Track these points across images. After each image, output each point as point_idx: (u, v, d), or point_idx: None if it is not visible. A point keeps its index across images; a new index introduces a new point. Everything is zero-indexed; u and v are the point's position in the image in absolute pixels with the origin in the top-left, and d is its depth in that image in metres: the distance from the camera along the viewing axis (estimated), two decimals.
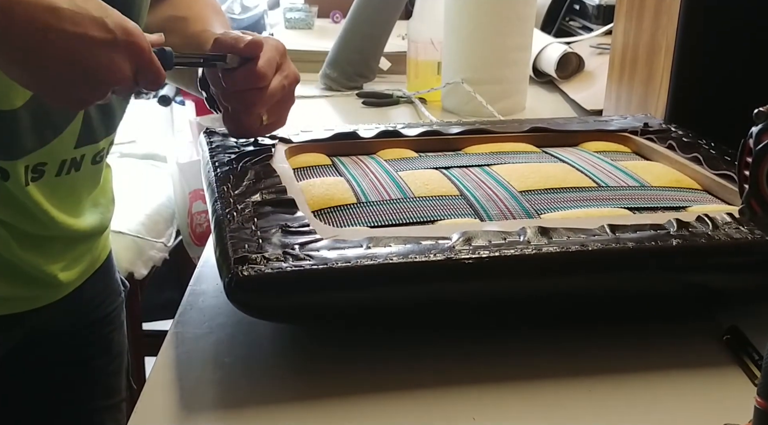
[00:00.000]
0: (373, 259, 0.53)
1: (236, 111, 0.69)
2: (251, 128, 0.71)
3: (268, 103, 0.69)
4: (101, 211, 0.81)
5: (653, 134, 0.84)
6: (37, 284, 0.74)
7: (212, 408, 0.53)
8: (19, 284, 0.72)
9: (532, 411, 0.53)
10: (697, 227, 0.59)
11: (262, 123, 0.70)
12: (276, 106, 0.70)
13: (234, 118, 0.70)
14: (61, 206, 0.73)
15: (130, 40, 0.55)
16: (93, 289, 0.84)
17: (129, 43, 0.56)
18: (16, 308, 0.74)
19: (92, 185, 0.78)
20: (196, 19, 0.80)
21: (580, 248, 0.55)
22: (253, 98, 0.68)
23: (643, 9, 0.97)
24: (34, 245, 0.72)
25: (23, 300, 0.74)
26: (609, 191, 0.70)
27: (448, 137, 0.83)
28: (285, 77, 0.69)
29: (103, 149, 0.75)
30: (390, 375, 0.56)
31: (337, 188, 0.68)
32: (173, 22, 0.79)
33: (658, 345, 0.60)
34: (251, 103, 0.68)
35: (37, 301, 0.76)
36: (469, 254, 0.54)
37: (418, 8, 1.32)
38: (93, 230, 0.79)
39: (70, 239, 0.76)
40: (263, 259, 0.53)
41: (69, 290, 0.79)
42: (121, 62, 0.55)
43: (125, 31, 0.55)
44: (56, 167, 0.70)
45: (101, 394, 0.89)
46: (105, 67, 0.55)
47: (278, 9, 2.28)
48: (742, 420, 0.47)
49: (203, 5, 0.83)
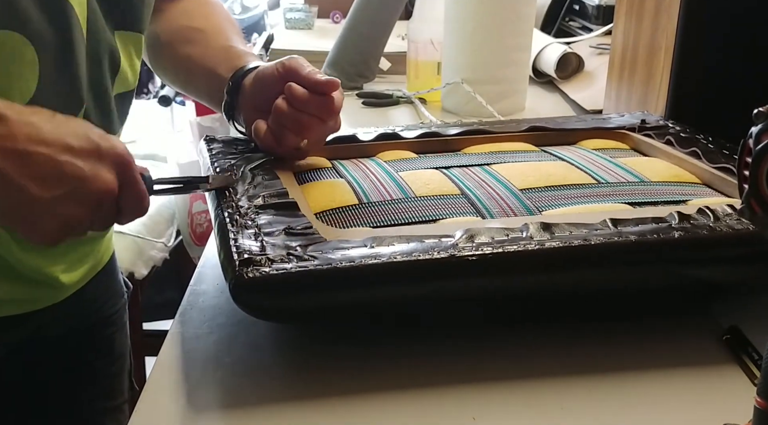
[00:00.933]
0: (376, 258, 0.53)
1: (284, 128, 0.70)
2: (290, 148, 0.71)
3: (320, 134, 0.71)
4: None
5: (651, 131, 0.84)
6: (39, 285, 0.74)
7: (213, 408, 0.53)
8: (20, 286, 0.72)
9: (532, 411, 0.53)
10: (699, 220, 0.59)
11: (300, 147, 0.71)
12: (319, 139, 0.73)
13: (277, 133, 0.70)
14: None
15: (114, 151, 0.55)
16: (95, 291, 0.83)
17: (115, 155, 0.55)
18: (18, 310, 0.74)
19: None
20: (217, 32, 0.80)
21: (582, 242, 0.55)
22: (313, 126, 0.69)
23: (643, 9, 0.97)
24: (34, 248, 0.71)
25: (25, 302, 0.74)
26: (609, 188, 0.70)
27: (447, 138, 0.83)
28: (337, 119, 0.72)
29: None
30: (390, 375, 0.56)
31: (338, 190, 0.68)
32: (192, 33, 0.80)
33: (658, 344, 0.60)
34: (308, 129, 0.69)
35: (39, 302, 0.75)
36: (473, 250, 0.54)
37: (418, 8, 1.32)
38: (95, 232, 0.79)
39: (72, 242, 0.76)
40: (267, 260, 0.53)
41: (71, 292, 0.79)
42: (107, 174, 0.54)
43: (110, 145, 0.54)
44: None
45: (103, 395, 0.89)
46: (91, 179, 0.53)
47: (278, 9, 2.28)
48: (742, 420, 0.47)
49: (219, 17, 0.83)
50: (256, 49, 1.79)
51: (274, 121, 0.70)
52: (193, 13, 0.82)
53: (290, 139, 0.70)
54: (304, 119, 0.69)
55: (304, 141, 0.71)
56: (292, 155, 0.74)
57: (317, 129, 0.70)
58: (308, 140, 0.71)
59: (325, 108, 0.69)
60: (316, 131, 0.71)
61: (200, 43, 0.79)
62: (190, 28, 0.80)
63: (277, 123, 0.70)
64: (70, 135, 0.53)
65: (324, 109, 0.69)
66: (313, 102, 0.68)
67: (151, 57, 0.84)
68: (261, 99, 0.72)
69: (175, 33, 0.80)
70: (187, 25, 0.81)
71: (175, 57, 0.82)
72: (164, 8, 0.82)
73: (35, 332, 0.77)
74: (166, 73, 0.85)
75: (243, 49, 0.80)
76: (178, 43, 0.81)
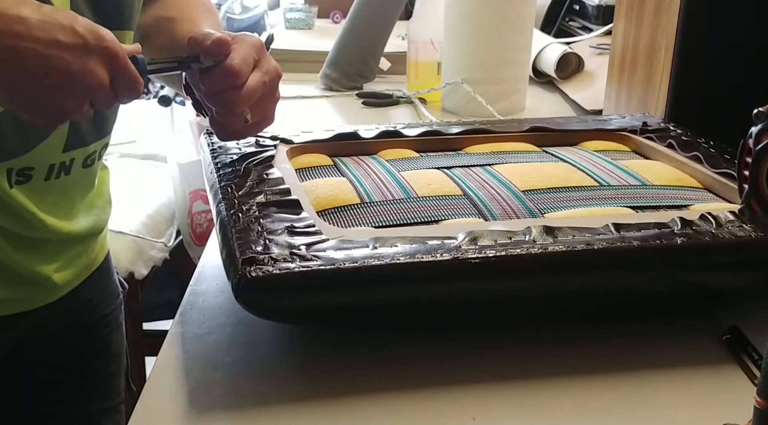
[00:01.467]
0: (380, 259, 0.53)
1: (219, 113, 0.66)
2: (236, 129, 0.67)
3: (248, 101, 0.65)
4: (97, 213, 0.80)
5: (652, 133, 0.84)
6: (32, 285, 0.74)
7: (213, 408, 0.53)
8: (13, 286, 0.72)
9: (532, 411, 0.53)
10: (701, 226, 0.59)
11: (247, 123, 0.67)
12: (259, 103, 0.66)
13: (218, 120, 0.67)
14: (52, 210, 0.72)
15: (103, 44, 0.54)
16: (90, 290, 0.83)
17: (102, 48, 0.54)
18: (11, 310, 0.73)
19: (86, 188, 0.77)
20: (185, 19, 0.77)
21: (585, 247, 0.56)
22: (232, 98, 0.64)
23: (643, 9, 0.97)
24: (26, 247, 0.71)
25: (18, 302, 0.74)
26: (611, 190, 0.70)
27: (448, 136, 0.83)
28: (265, 73, 0.66)
29: (95, 152, 0.74)
30: (390, 375, 0.56)
31: (340, 189, 0.68)
32: (162, 23, 0.78)
33: (659, 344, 0.60)
34: (230, 103, 0.64)
35: (33, 303, 0.75)
36: (476, 253, 0.54)
37: (418, 8, 1.32)
38: (88, 231, 0.79)
39: (64, 241, 0.76)
40: (270, 260, 0.53)
41: (65, 292, 0.78)
42: (96, 68, 0.54)
43: (98, 37, 0.54)
44: (44, 172, 0.69)
45: (99, 396, 0.88)
46: (79, 73, 0.53)
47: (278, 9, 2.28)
48: (742, 420, 0.47)
49: (194, 6, 0.80)
50: None
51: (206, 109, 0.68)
52: (169, 4, 0.80)
53: (229, 120, 0.66)
54: (221, 96, 0.64)
55: (247, 115, 0.67)
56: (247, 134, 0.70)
57: (239, 98, 0.64)
58: (252, 112, 0.67)
59: (226, 74, 0.63)
60: (241, 100, 0.64)
61: (168, 32, 0.76)
62: (162, 19, 0.78)
63: (208, 109, 0.67)
64: (57, 29, 0.53)
65: (225, 76, 0.63)
66: (215, 75, 0.63)
67: None
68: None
69: (151, 25, 0.79)
70: (161, 16, 0.79)
71: (149, 50, 0.79)
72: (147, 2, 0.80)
73: (29, 332, 0.77)
74: None
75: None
76: (152, 36, 0.79)
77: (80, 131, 0.70)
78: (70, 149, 0.70)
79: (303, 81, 1.44)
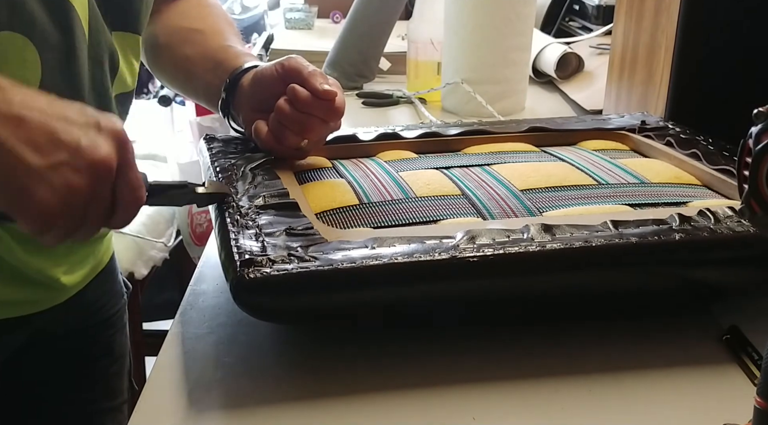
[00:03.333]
0: (378, 259, 0.53)
1: (285, 128, 0.70)
2: (290, 148, 0.71)
3: (320, 136, 0.72)
4: None
5: (651, 132, 0.84)
6: (40, 287, 0.74)
7: (213, 408, 0.53)
8: (22, 288, 0.72)
9: (532, 411, 0.53)
10: (699, 222, 0.59)
11: (300, 147, 0.72)
12: (319, 139, 0.73)
13: (278, 132, 0.70)
14: None
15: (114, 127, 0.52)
16: (96, 292, 0.83)
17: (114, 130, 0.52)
18: (19, 312, 0.74)
19: None
20: (214, 32, 0.80)
21: (583, 244, 0.55)
22: (314, 126, 0.70)
23: (642, 9, 0.97)
24: (36, 249, 0.71)
25: (26, 303, 0.74)
26: (609, 189, 0.70)
27: (447, 138, 0.83)
28: (338, 124, 0.73)
29: None
30: (390, 375, 0.56)
31: (339, 190, 0.68)
32: (189, 34, 0.80)
33: (658, 344, 0.60)
34: (310, 129, 0.70)
35: (40, 304, 0.75)
36: (474, 252, 0.54)
37: (418, 8, 1.32)
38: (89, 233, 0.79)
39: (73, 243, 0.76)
40: (268, 261, 0.53)
41: (72, 294, 0.78)
42: (104, 144, 0.51)
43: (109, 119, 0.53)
44: None
45: (103, 396, 0.89)
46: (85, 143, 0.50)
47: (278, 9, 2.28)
48: (742, 420, 0.47)
49: (217, 17, 0.83)
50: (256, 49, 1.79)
51: (274, 121, 0.70)
52: (190, 14, 0.82)
53: (291, 139, 0.70)
54: (306, 120, 0.69)
55: (305, 141, 0.71)
56: (291, 155, 0.74)
57: (318, 130, 0.71)
58: (309, 140, 0.71)
59: (329, 111, 0.69)
60: (317, 131, 0.71)
61: (198, 43, 0.79)
62: (188, 29, 0.80)
63: (278, 123, 0.70)
64: (66, 107, 0.51)
65: (327, 111, 0.69)
66: (316, 104, 0.69)
67: (149, 59, 0.84)
68: (260, 99, 0.72)
69: (173, 34, 0.80)
70: (185, 26, 0.80)
71: (173, 58, 0.82)
72: (162, 9, 0.82)
73: (36, 333, 0.77)
74: (165, 74, 0.85)
75: (240, 49, 0.80)
76: (176, 45, 0.81)
77: None
78: None
79: None
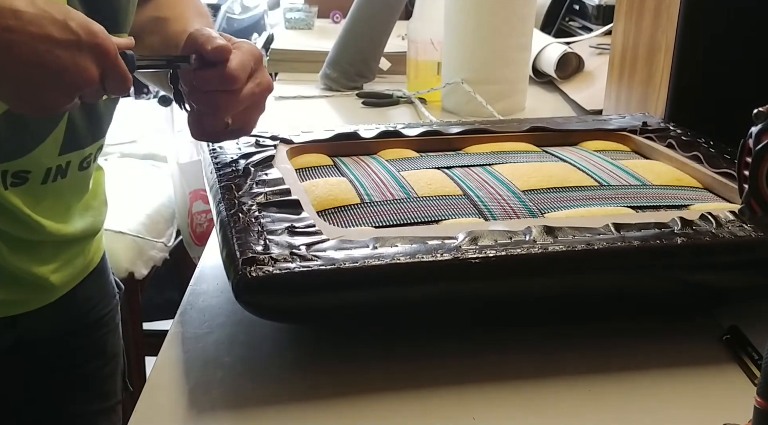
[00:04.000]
0: (380, 259, 0.53)
1: (203, 112, 0.66)
2: (214, 131, 0.67)
3: (236, 108, 0.65)
4: (93, 214, 0.80)
5: (652, 133, 0.84)
6: (29, 287, 0.74)
7: (213, 408, 0.53)
8: (10, 288, 0.72)
9: (532, 411, 0.53)
10: (701, 226, 0.59)
11: (226, 127, 0.67)
12: (243, 112, 0.67)
13: (198, 119, 0.67)
14: (48, 213, 0.72)
15: (94, 41, 0.55)
16: (86, 292, 0.83)
17: (94, 45, 0.55)
18: (7, 312, 0.73)
19: (81, 191, 0.77)
20: (177, 18, 0.78)
21: (585, 247, 0.56)
22: (221, 101, 0.64)
23: (643, 9, 0.97)
24: (23, 249, 0.71)
25: (15, 303, 0.74)
26: (611, 190, 0.70)
27: (448, 136, 0.83)
28: (257, 85, 0.66)
29: (91, 155, 0.74)
30: (390, 375, 0.56)
31: (340, 189, 0.68)
32: (155, 23, 0.78)
33: (658, 344, 0.60)
34: (218, 106, 0.65)
35: (29, 304, 0.75)
36: (476, 253, 0.54)
37: (418, 8, 1.32)
38: (84, 233, 0.78)
39: (61, 243, 0.76)
40: (271, 260, 0.53)
41: (61, 293, 0.78)
42: (87, 64, 0.55)
43: (90, 33, 0.55)
44: (41, 175, 0.69)
45: (96, 397, 0.88)
46: (70, 69, 0.54)
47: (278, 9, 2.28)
48: (742, 420, 0.47)
49: (186, 6, 0.81)
50: None
51: (189, 105, 0.67)
52: (161, 4, 0.81)
53: (210, 122, 0.66)
54: (210, 97, 0.65)
55: (228, 120, 0.67)
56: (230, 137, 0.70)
57: (227, 103, 0.65)
58: (232, 118, 0.67)
59: (223, 78, 0.63)
60: (229, 105, 0.65)
61: (161, 32, 0.77)
62: (154, 19, 0.79)
63: (190, 105, 0.67)
64: (50, 24, 0.53)
65: (222, 79, 0.63)
66: (211, 76, 0.63)
67: None
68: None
69: (143, 25, 0.79)
70: (153, 16, 0.79)
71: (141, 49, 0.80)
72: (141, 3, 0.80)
73: (26, 334, 0.77)
74: None
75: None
76: (144, 35, 0.79)
77: (76, 134, 0.70)
78: (67, 152, 0.70)
79: (303, 81, 1.44)
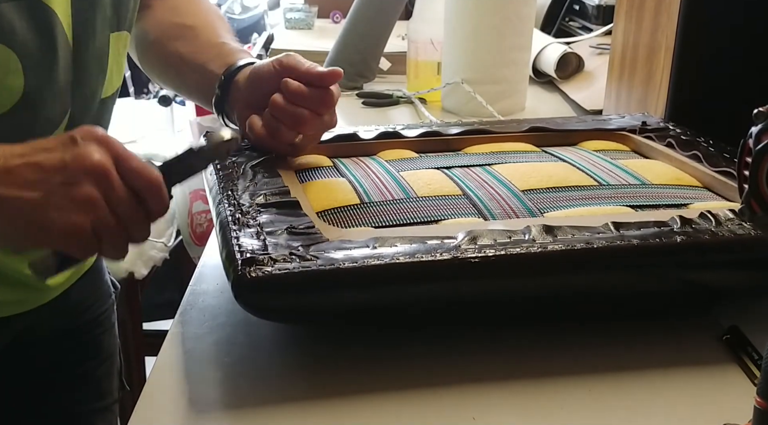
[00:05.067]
0: (379, 259, 0.53)
1: (279, 125, 0.70)
2: (285, 144, 0.71)
3: (314, 129, 0.71)
4: None
5: (652, 133, 0.84)
6: (24, 288, 0.73)
7: (213, 408, 0.53)
8: (5, 289, 0.72)
9: (533, 411, 0.53)
10: (701, 224, 0.59)
11: (295, 143, 0.71)
12: (314, 135, 0.73)
13: (272, 129, 0.70)
14: None
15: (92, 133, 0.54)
16: (81, 292, 0.83)
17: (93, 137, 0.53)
18: (2, 312, 0.73)
19: None
20: (207, 28, 0.80)
21: (585, 246, 0.56)
22: (308, 120, 0.69)
23: (643, 9, 0.97)
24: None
25: (9, 304, 0.74)
26: (610, 190, 0.70)
27: (448, 137, 0.83)
28: (333, 114, 0.72)
29: None
30: (390, 375, 0.56)
31: (340, 189, 0.68)
32: (180, 30, 0.79)
33: (658, 344, 0.60)
34: (303, 123, 0.69)
35: (24, 305, 0.75)
36: (475, 253, 0.54)
37: (418, 8, 1.32)
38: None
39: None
40: (270, 260, 0.53)
41: (56, 294, 0.78)
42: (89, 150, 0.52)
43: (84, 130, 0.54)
44: None
45: (92, 397, 0.88)
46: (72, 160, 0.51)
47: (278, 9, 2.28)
48: (742, 420, 0.47)
49: (209, 13, 0.83)
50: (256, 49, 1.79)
51: (268, 116, 0.70)
52: (181, 10, 0.82)
53: (285, 134, 0.70)
54: (300, 113, 0.69)
55: (299, 136, 0.71)
56: (286, 152, 0.73)
57: (312, 123, 0.70)
58: (303, 135, 0.71)
59: (322, 101, 0.69)
60: (312, 125, 0.70)
61: (190, 39, 0.78)
62: (179, 25, 0.80)
63: (272, 118, 0.70)
64: (41, 141, 0.53)
65: (320, 102, 0.69)
66: (309, 96, 0.68)
67: (139, 54, 0.84)
68: (256, 96, 0.72)
69: (165, 30, 0.80)
70: (177, 22, 0.80)
71: (164, 54, 0.81)
72: (152, 4, 0.81)
73: (22, 334, 0.77)
74: (154, 70, 0.85)
75: (234, 45, 0.79)
76: (168, 40, 0.80)
77: None
78: None
79: None
